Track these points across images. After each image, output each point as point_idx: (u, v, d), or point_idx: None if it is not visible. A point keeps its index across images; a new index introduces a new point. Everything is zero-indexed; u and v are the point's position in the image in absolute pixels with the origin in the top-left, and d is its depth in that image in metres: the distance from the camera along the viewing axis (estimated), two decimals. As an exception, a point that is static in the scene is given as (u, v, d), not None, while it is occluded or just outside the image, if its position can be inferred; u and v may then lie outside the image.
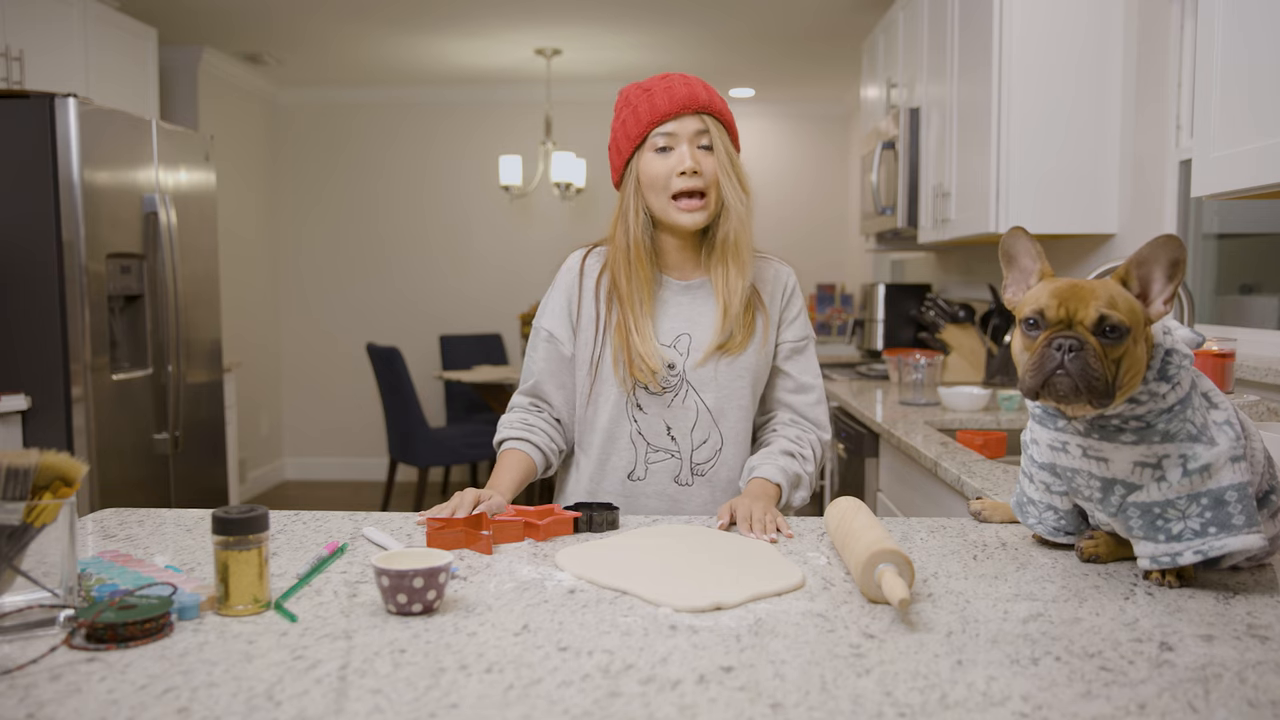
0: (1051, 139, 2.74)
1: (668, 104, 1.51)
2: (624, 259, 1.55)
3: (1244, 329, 2.38)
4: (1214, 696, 0.83)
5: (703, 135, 1.52)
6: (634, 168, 1.55)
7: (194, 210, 3.78)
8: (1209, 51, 1.68)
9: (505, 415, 1.64)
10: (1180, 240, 1.09)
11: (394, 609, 1.02)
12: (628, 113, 1.55)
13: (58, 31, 3.71)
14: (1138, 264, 1.11)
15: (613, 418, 1.57)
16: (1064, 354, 1.08)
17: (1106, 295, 1.09)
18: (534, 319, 1.65)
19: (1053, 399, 1.11)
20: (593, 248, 1.65)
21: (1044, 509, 1.26)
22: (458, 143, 6.36)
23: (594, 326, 1.58)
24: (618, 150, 1.58)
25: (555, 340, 1.61)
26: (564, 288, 1.62)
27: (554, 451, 1.61)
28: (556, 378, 1.62)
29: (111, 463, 3.24)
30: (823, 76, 5.88)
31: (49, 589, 0.99)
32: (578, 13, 4.66)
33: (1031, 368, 1.11)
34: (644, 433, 1.56)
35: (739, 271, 1.55)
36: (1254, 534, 1.08)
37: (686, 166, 1.50)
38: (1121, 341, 1.07)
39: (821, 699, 0.82)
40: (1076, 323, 1.09)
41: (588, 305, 1.59)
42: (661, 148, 1.52)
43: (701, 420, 1.57)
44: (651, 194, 1.53)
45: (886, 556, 1.06)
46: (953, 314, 3.57)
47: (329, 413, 6.49)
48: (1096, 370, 1.06)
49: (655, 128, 1.52)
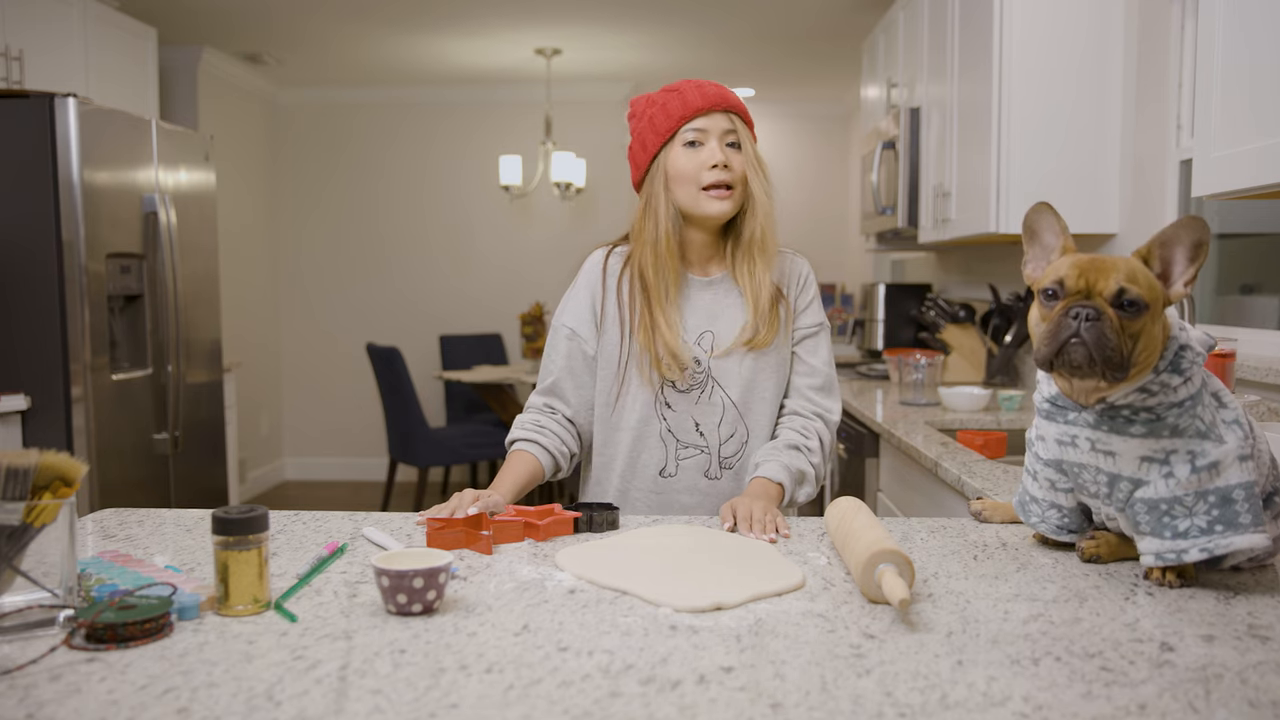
0: (1052, 139, 2.74)
1: (699, 100, 1.54)
2: (652, 253, 1.56)
3: (1244, 329, 2.38)
4: (1215, 697, 0.82)
5: (731, 134, 1.55)
6: (661, 164, 1.56)
7: (194, 210, 3.78)
8: (1209, 51, 1.68)
9: (520, 415, 1.65)
10: (1204, 222, 1.08)
11: (394, 609, 1.02)
12: (655, 110, 1.57)
13: (58, 31, 3.71)
14: (1161, 244, 1.11)
15: (642, 417, 1.58)
16: (1080, 322, 1.07)
17: (1127, 269, 1.09)
18: (554, 317, 1.66)
19: (1066, 369, 1.09)
20: (613, 247, 1.66)
21: (1047, 507, 1.26)
22: (458, 143, 6.36)
23: (619, 327, 1.59)
24: (643, 147, 1.59)
25: (578, 338, 1.62)
26: (587, 285, 1.63)
27: (564, 455, 1.60)
28: (576, 376, 1.63)
29: (111, 463, 3.24)
30: (823, 76, 5.88)
31: (49, 589, 0.98)
32: (578, 13, 4.66)
33: (1047, 336, 1.10)
34: (674, 430, 1.58)
35: (765, 266, 1.57)
36: (1260, 533, 1.08)
37: (718, 160, 1.52)
38: (1139, 316, 1.07)
39: (822, 699, 0.82)
40: (1095, 293, 1.08)
41: (611, 304, 1.60)
42: (691, 142, 1.54)
43: (728, 415, 1.58)
44: (680, 187, 1.55)
45: (887, 556, 1.06)
46: (953, 314, 3.57)
47: (329, 413, 6.49)
48: (1112, 341, 1.06)
49: (686, 123, 1.54)
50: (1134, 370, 1.08)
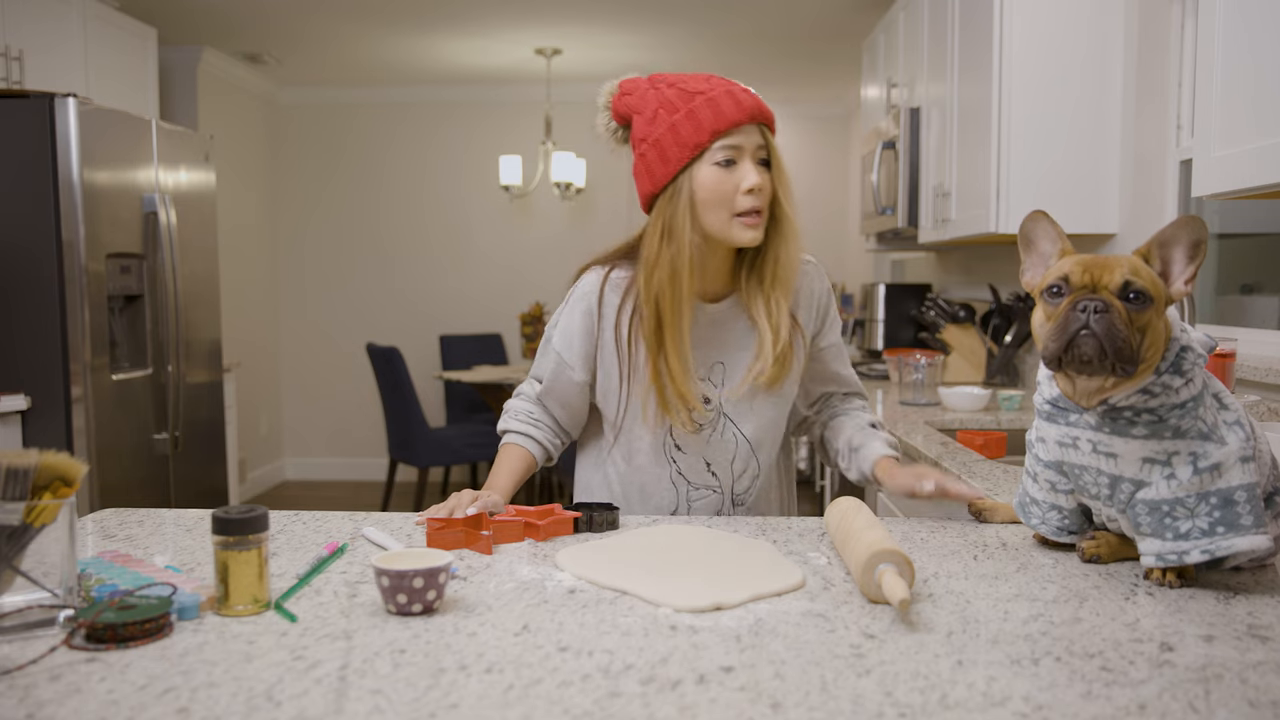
0: (1052, 139, 2.74)
1: (735, 112, 1.36)
2: (670, 285, 1.39)
3: (1244, 329, 2.38)
4: (1214, 697, 0.82)
5: (762, 149, 1.39)
6: (685, 181, 1.38)
7: (194, 210, 3.78)
8: (1209, 51, 1.68)
9: (513, 401, 1.59)
10: (1202, 221, 1.09)
11: (394, 609, 1.02)
12: (679, 119, 1.37)
13: (57, 31, 3.71)
14: (1160, 244, 1.11)
15: (651, 460, 1.51)
16: (1089, 315, 1.07)
17: (1130, 264, 1.09)
18: (548, 326, 1.55)
19: (1075, 364, 1.09)
20: (610, 269, 1.49)
21: (1048, 509, 1.26)
22: (458, 143, 6.36)
23: (618, 368, 1.47)
24: (663, 159, 1.38)
25: (564, 364, 1.51)
26: (581, 314, 1.49)
27: (556, 446, 1.58)
28: (560, 396, 1.54)
29: (111, 463, 3.24)
30: (823, 76, 5.88)
31: (49, 589, 0.98)
32: (578, 13, 4.66)
33: (1055, 332, 1.09)
34: (684, 473, 1.51)
35: (786, 296, 1.45)
36: (1261, 535, 1.08)
37: (754, 184, 1.36)
38: (1146, 309, 1.07)
39: (821, 699, 0.82)
40: (1101, 287, 1.08)
41: (608, 339, 1.48)
42: (725, 160, 1.37)
43: (740, 451, 1.51)
44: (710, 212, 1.38)
45: (887, 556, 1.06)
46: (953, 314, 3.57)
47: (329, 413, 6.49)
48: (1122, 332, 1.06)
49: (719, 138, 1.36)
50: (1141, 365, 1.08)
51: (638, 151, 1.42)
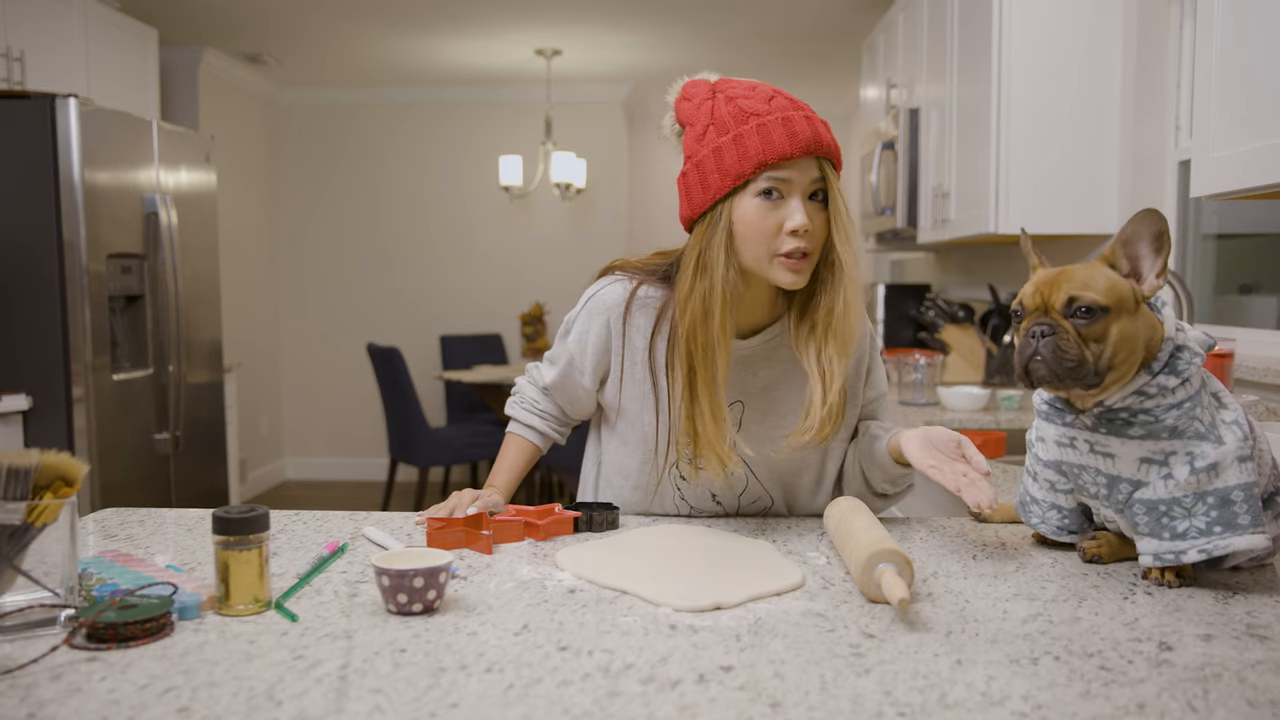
0: (1051, 139, 2.74)
1: (787, 144, 1.23)
2: (701, 328, 1.27)
3: (1243, 329, 2.38)
4: (1213, 696, 0.83)
5: (818, 183, 1.26)
6: (725, 211, 1.26)
7: (194, 210, 3.79)
8: (1208, 52, 1.68)
9: (523, 383, 1.55)
10: (1160, 213, 1.10)
11: (394, 609, 1.02)
12: (728, 142, 1.25)
13: (58, 32, 3.71)
14: (1123, 243, 1.12)
15: (654, 483, 1.46)
16: (1038, 340, 1.11)
17: (1082, 277, 1.11)
18: (564, 323, 1.46)
19: (1034, 384, 1.14)
20: (638, 284, 1.39)
21: (1048, 508, 1.26)
22: (458, 143, 6.36)
23: (654, 399, 1.38)
24: (703, 184, 1.28)
25: (575, 366, 1.45)
26: (601, 325, 1.40)
27: (559, 434, 1.56)
28: (567, 394, 1.50)
29: (112, 463, 3.24)
30: (823, 76, 5.88)
31: (50, 589, 0.99)
32: (578, 13, 4.66)
33: (1016, 356, 1.14)
34: (688, 498, 1.46)
35: (842, 349, 1.30)
36: (1259, 534, 1.08)
37: (800, 224, 1.23)
38: (1096, 321, 1.09)
39: (821, 699, 0.82)
40: (1050, 308, 1.12)
41: (637, 363, 1.39)
42: (769, 192, 1.24)
43: (751, 488, 1.45)
44: (748, 248, 1.26)
45: (886, 556, 1.06)
46: (952, 314, 3.57)
47: (329, 413, 6.49)
48: (1069, 352, 1.09)
49: (766, 170, 1.23)
50: (1112, 374, 1.09)
51: (684, 168, 1.32)
